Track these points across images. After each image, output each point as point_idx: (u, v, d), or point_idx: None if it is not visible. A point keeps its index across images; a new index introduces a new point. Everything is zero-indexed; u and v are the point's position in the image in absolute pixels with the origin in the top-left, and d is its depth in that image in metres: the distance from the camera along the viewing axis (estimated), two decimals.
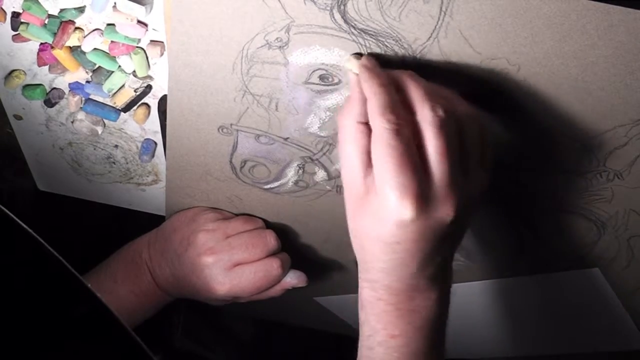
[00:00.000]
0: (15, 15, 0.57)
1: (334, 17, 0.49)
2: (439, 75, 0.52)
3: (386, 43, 0.50)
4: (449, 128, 0.47)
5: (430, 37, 0.49)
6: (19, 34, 0.58)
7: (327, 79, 0.54)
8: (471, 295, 0.77)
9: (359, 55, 0.51)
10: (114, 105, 0.63)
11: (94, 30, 0.57)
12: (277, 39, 0.51)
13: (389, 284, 0.50)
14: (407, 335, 0.51)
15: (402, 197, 0.46)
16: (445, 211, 0.47)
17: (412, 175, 0.46)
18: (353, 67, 0.50)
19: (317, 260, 0.75)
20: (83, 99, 0.63)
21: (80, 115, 0.65)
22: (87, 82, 0.61)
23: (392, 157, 0.46)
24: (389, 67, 0.51)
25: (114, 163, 0.71)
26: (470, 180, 0.49)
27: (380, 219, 0.47)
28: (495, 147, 0.52)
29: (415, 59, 0.51)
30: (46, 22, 0.56)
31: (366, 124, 0.48)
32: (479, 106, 0.54)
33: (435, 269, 0.50)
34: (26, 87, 0.63)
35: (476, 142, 0.50)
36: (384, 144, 0.46)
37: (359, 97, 0.49)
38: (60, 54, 0.58)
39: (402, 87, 0.48)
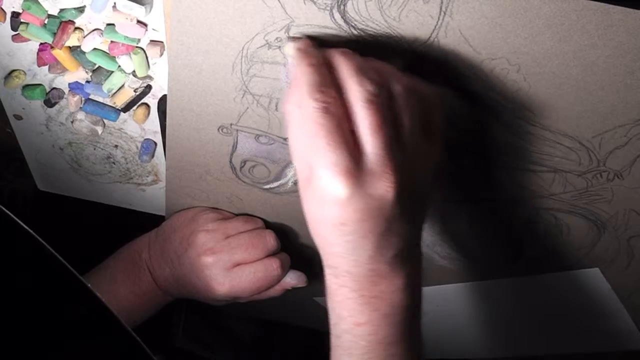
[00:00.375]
0: (15, 15, 0.57)
1: (333, 17, 0.49)
2: (439, 75, 0.52)
3: (386, 43, 0.50)
4: (380, 102, 0.46)
5: (430, 37, 0.49)
6: (18, 34, 0.58)
7: None
8: (471, 296, 0.77)
9: (296, 39, 0.50)
10: (114, 105, 0.63)
11: (93, 30, 0.57)
12: (277, 39, 0.51)
13: (348, 269, 0.49)
14: (373, 323, 0.50)
15: (335, 174, 0.45)
16: (383, 187, 0.46)
17: (342, 151, 0.45)
18: (289, 51, 0.50)
19: (317, 260, 0.75)
20: (83, 99, 0.63)
21: (80, 115, 0.65)
22: (87, 82, 0.61)
23: (320, 135, 0.45)
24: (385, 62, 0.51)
25: (113, 163, 0.71)
26: (412, 153, 0.48)
27: (321, 201, 0.47)
28: (445, 115, 0.51)
29: (415, 59, 0.51)
30: (46, 22, 0.56)
31: None
32: (478, 105, 0.54)
33: (394, 252, 0.49)
34: (26, 87, 0.63)
35: (414, 115, 0.48)
36: (312, 123, 0.46)
37: (297, 81, 0.48)
38: (60, 54, 0.58)
39: (333, 65, 0.48)
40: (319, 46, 0.50)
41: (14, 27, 0.58)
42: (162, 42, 0.57)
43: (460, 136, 0.57)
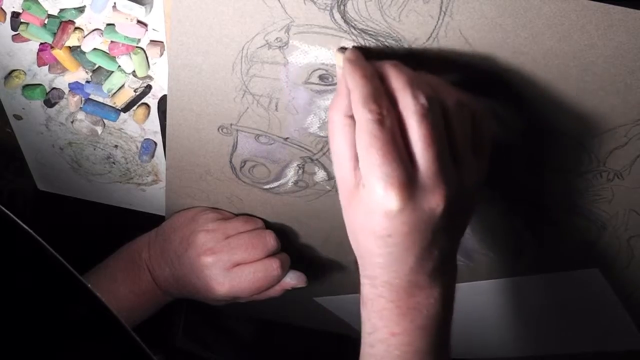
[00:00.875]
0: (15, 15, 0.57)
1: (333, 17, 0.49)
2: (438, 75, 0.52)
3: (386, 43, 0.50)
4: (433, 116, 0.46)
5: (430, 37, 0.49)
6: (18, 34, 0.58)
7: (327, 79, 0.54)
8: (471, 295, 0.77)
9: (344, 49, 0.50)
10: (114, 105, 0.63)
11: (93, 30, 0.57)
12: (277, 39, 0.51)
13: (388, 280, 0.49)
14: (408, 334, 0.50)
15: (388, 187, 0.46)
16: (434, 201, 0.46)
17: (396, 165, 0.45)
18: (338, 62, 0.50)
19: (317, 260, 0.75)
20: (83, 99, 0.63)
21: (80, 115, 0.65)
22: (87, 82, 0.61)
23: (376, 147, 0.46)
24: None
25: (113, 163, 0.71)
26: (463, 168, 0.48)
27: (369, 212, 0.47)
28: (492, 135, 0.51)
29: (415, 59, 0.51)
30: (46, 22, 0.56)
31: (353, 117, 0.47)
32: (478, 107, 0.54)
33: (434, 265, 0.49)
34: (26, 87, 0.63)
35: (466, 130, 0.48)
36: (366, 135, 0.46)
37: (345, 90, 0.48)
38: (60, 54, 0.58)
39: (384, 77, 0.48)
40: (366, 57, 0.49)
41: (14, 27, 0.58)
42: (162, 42, 0.57)
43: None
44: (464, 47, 0.49)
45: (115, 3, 0.54)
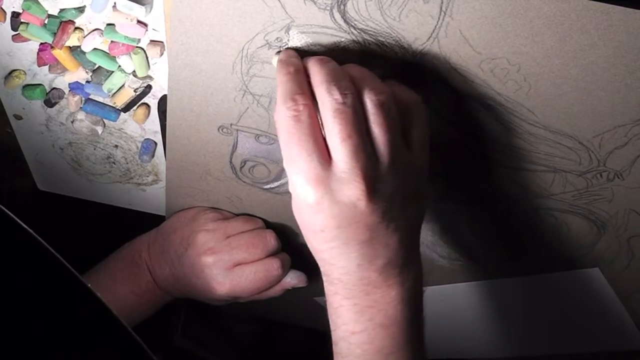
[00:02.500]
0: (15, 15, 0.57)
1: (333, 17, 0.49)
2: (439, 75, 0.52)
3: (386, 43, 0.50)
4: (349, 110, 0.46)
5: (430, 37, 0.49)
6: (18, 33, 0.58)
7: None
8: (470, 295, 0.77)
9: (280, 51, 0.51)
10: (114, 105, 0.63)
11: (93, 30, 0.57)
12: (277, 38, 0.51)
13: (338, 276, 0.50)
14: (368, 332, 0.50)
15: (304, 181, 0.46)
16: (353, 194, 0.46)
17: (312, 159, 0.46)
18: (273, 63, 0.51)
19: None
20: (83, 99, 0.63)
21: (80, 115, 0.65)
22: (87, 82, 0.61)
23: (292, 143, 0.46)
24: (388, 65, 0.51)
25: (114, 163, 0.71)
26: (393, 162, 0.48)
27: (298, 208, 0.48)
28: (428, 126, 0.51)
29: (415, 59, 0.51)
30: (46, 22, 0.56)
31: None
32: (479, 106, 0.54)
33: (385, 261, 0.49)
34: (26, 87, 0.63)
35: (392, 123, 0.48)
36: (284, 131, 0.47)
37: None
38: (60, 54, 0.58)
39: (309, 73, 0.49)
40: (299, 55, 0.50)
41: (14, 27, 0.58)
42: (162, 42, 0.57)
43: (460, 137, 0.57)
44: (464, 47, 0.49)
45: (115, 3, 0.54)
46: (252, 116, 0.58)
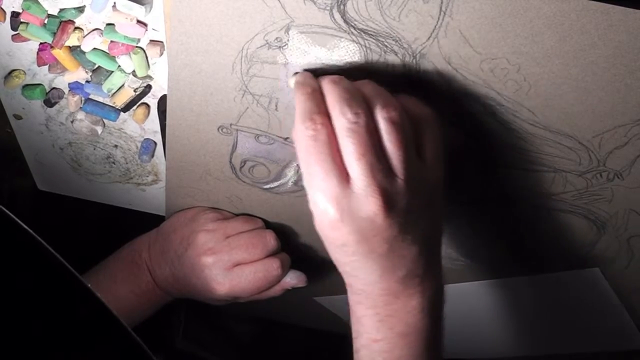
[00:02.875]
0: (15, 15, 0.57)
1: (333, 17, 0.49)
2: (438, 75, 0.52)
3: (386, 43, 0.50)
4: (362, 129, 0.47)
5: (430, 37, 0.49)
6: (18, 33, 0.58)
7: None
8: (471, 295, 0.77)
9: (298, 73, 0.53)
10: (114, 105, 0.63)
11: (93, 30, 0.57)
12: (276, 38, 0.51)
13: (361, 287, 0.51)
14: (389, 341, 0.52)
15: (325, 199, 0.48)
16: (371, 209, 0.48)
17: (331, 178, 0.47)
18: (291, 85, 0.52)
19: (317, 260, 0.75)
20: (83, 98, 0.63)
21: (80, 115, 0.65)
22: (87, 81, 0.61)
23: (311, 162, 0.48)
24: (389, 68, 0.51)
25: (113, 163, 0.71)
26: (408, 175, 0.49)
27: (320, 224, 0.49)
28: (441, 139, 0.51)
29: (415, 59, 0.51)
30: (46, 21, 0.56)
31: None
32: (479, 107, 0.54)
33: (405, 272, 0.50)
34: (26, 87, 0.63)
35: (405, 137, 0.49)
36: (302, 150, 0.48)
37: None
38: (60, 54, 0.58)
39: (324, 93, 0.50)
40: (315, 76, 0.51)
41: (14, 27, 0.58)
42: (162, 42, 0.57)
43: (460, 137, 0.57)
44: (464, 47, 0.49)
45: (115, 3, 0.54)
46: (252, 116, 0.58)
